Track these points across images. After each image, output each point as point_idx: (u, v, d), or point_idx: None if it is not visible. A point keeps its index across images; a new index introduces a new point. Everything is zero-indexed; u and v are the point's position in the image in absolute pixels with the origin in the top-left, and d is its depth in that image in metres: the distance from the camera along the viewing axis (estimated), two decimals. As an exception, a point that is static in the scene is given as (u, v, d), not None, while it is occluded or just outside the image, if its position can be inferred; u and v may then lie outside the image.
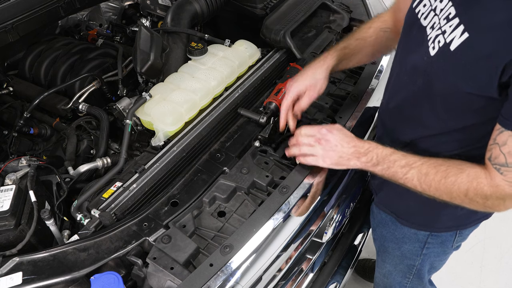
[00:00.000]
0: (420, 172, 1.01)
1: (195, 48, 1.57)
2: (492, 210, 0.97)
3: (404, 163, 1.03)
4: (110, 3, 2.20)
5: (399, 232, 1.35)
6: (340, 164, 1.12)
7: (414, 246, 1.34)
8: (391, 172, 1.05)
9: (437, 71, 0.96)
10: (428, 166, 1.00)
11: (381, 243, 1.49)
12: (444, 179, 0.97)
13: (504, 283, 2.29)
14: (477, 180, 0.93)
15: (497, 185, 0.91)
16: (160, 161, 1.26)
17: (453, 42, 0.89)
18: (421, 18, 1.01)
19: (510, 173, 0.89)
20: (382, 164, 1.06)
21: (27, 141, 1.53)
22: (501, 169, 0.89)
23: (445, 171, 0.98)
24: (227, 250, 1.02)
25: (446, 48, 0.91)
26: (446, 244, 1.31)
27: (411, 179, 1.02)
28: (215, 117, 1.40)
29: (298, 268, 1.39)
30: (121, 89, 1.61)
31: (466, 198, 0.96)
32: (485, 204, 0.95)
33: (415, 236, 1.32)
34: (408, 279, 1.48)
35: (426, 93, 1.02)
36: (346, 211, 1.54)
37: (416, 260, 1.38)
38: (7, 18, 1.55)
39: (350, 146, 1.10)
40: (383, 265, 1.54)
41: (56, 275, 0.98)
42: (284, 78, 1.49)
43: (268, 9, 1.81)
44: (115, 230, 1.07)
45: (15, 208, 1.09)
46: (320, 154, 1.12)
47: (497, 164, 0.90)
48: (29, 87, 1.68)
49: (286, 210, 1.12)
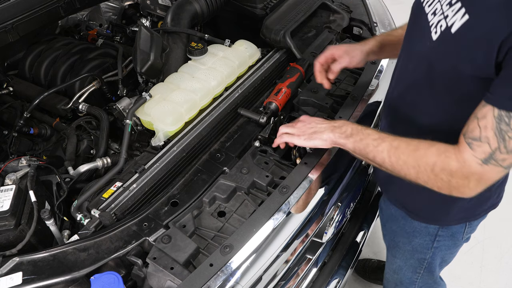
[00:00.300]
0: (391, 145, 1.02)
1: (195, 48, 1.57)
2: (456, 192, 0.95)
3: (377, 136, 1.06)
4: (110, 3, 2.21)
5: (409, 226, 1.35)
6: (313, 138, 1.15)
7: (424, 239, 1.34)
8: (363, 144, 1.07)
9: (438, 55, 0.97)
10: (400, 141, 1.02)
11: (391, 238, 1.49)
12: (414, 152, 0.98)
13: (504, 283, 2.29)
14: (445, 154, 0.93)
15: (464, 160, 0.90)
16: (160, 161, 1.26)
17: (454, 25, 0.91)
18: (426, 5, 1.03)
19: (480, 149, 0.88)
20: (356, 136, 1.09)
21: (27, 141, 1.53)
22: (473, 143, 0.89)
23: (416, 145, 0.98)
24: (227, 250, 1.02)
25: (447, 31, 0.92)
26: (457, 236, 1.31)
27: (382, 151, 1.03)
28: (215, 117, 1.40)
29: (298, 267, 1.40)
30: (121, 89, 1.61)
31: (432, 174, 0.95)
32: (450, 183, 0.94)
33: (425, 229, 1.32)
34: (418, 274, 1.48)
35: (427, 79, 1.04)
36: (346, 211, 1.54)
37: (427, 254, 1.38)
38: (7, 18, 1.55)
39: (324, 122, 1.16)
40: (393, 260, 1.54)
41: (56, 275, 0.98)
42: (284, 78, 1.49)
43: (268, 9, 1.81)
44: (115, 230, 1.07)
45: (15, 208, 1.09)
46: (295, 132, 1.18)
47: (471, 138, 0.89)
48: (29, 87, 1.69)
49: (286, 210, 1.12)
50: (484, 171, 0.89)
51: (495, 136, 0.85)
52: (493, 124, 0.85)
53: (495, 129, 0.85)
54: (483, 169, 0.89)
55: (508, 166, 0.88)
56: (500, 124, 0.84)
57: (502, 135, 0.85)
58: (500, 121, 0.84)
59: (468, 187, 0.92)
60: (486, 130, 0.86)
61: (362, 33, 1.79)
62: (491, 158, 0.87)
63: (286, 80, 1.47)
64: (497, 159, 0.87)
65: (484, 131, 0.87)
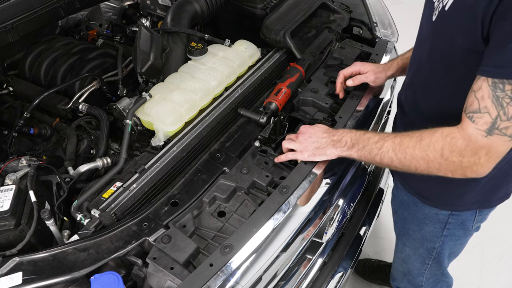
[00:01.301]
0: (394, 142, 1.03)
1: (195, 48, 1.57)
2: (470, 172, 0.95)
3: (378, 138, 1.07)
4: (110, 3, 2.20)
5: (421, 213, 1.36)
6: (318, 155, 1.17)
7: (435, 227, 1.35)
8: (367, 150, 1.08)
9: (436, 32, 1.03)
10: (402, 136, 1.03)
11: (402, 225, 1.50)
12: (419, 143, 0.98)
13: (504, 283, 2.29)
14: (450, 135, 0.94)
15: (469, 135, 0.91)
16: (160, 161, 1.26)
17: (447, 3, 0.96)
18: None
19: (482, 120, 0.89)
20: (357, 144, 1.10)
21: (27, 141, 1.53)
22: (474, 116, 0.90)
23: (419, 136, 1.00)
24: (227, 250, 1.02)
25: (443, 10, 0.99)
26: (467, 224, 1.32)
27: (386, 151, 1.04)
28: (215, 117, 1.40)
29: (298, 267, 1.39)
30: (121, 89, 1.61)
31: (442, 159, 0.95)
32: (461, 164, 0.94)
33: (436, 216, 1.33)
34: (427, 265, 1.49)
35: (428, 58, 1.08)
36: (346, 211, 1.54)
37: (437, 242, 1.39)
38: (7, 18, 1.55)
39: (323, 136, 1.17)
40: (403, 248, 1.55)
41: (56, 275, 0.98)
42: (284, 78, 1.49)
43: (268, 9, 1.81)
44: (115, 230, 1.07)
45: (15, 208, 1.09)
46: (298, 147, 1.20)
47: (471, 111, 0.91)
48: (29, 87, 1.69)
49: (286, 210, 1.12)
50: (491, 143, 0.90)
51: (493, 104, 0.87)
52: (489, 93, 0.88)
53: (492, 98, 0.87)
54: (489, 141, 0.90)
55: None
56: (496, 92, 0.87)
57: (499, 102, 0.87)
58: (495, 88, 0.87)
59: (479, 163, 0.93)
60: (483, 100, 0.88)
61: (362, 33, 1.79)
62: (494, 128, 0.88)
63: (286, 80, 1.47)
64: (500, 128, 0.88)
65: (482, 101, 0.89)
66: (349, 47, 1.68)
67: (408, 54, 1.40)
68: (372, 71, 1.40)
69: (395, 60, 1.44)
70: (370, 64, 1.43)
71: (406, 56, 1.40)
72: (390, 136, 1.05)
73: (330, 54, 1.65)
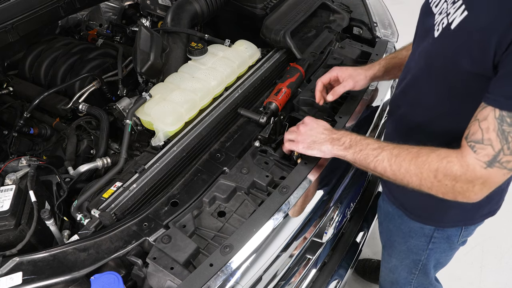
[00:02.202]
0: (391, 153, 1.01)
1: (195, 48, 1.57)
2: (461, 197, 0.93)
3: (377, 146, 1.05)
4: (110, 3, 2.20)
5: (405, 226, 1.35)
6: (312, 148, 1.16)
7: (420, 240, 1.34)
8: (363, 155, 1.06)
9: (437, 50, 0.98)
10: (400, 148, 1.00)
11: (387, 237, 1.49)
12: (415, 159, 0.96)
13: (504, 283, 2.29)
14: (447, 159, 0.91)
15: (468, 164, 0.88)
16: (160, 161, 1.25)
17: (454, 21, 0.92)
18: (433, 6, 1.04)
19: (484, 151, 0.86)
20: (355, 147, 1.09)
21: (27, 141, 1.53)
22: (476, 146, 0.87)
23: (416, 152, 0.97)
24: (227, 250, 1.02)
25: (448, 28, 0.93)
26: (452, 239, 1.31)
27: (382, 160, 1.02)
28: (215, 117, 1.40)
29: (298, 267, 1.39)
30: (121, 89, 1.61)
31: (435, 180, 0.93)
32: (454, 188, 0.92)
33: (421, 230, 1.31)
34: (414, 274, 1.48)
35: (426, 73, 1.04)
36: (346, 211, 1.54)
37: (422, 255, 1.38)
38: (7, 18, 1.55)
39: (323, 131, 1.16)
40: (389, 259, 1.54)
41: (56, 275, 0.98)
42: (284, 78, 1.49)
43: (268, 9, 1.81)
44: (115, 230, 1.07)
45: (15, 208, 1.09)
46: (297, 138, 1.19)
47: (473, 141, 0.88)
48: (29, 87, 1.69)
49: (286, 210, 1.12)
50: (489, 174, 0.87)
51: (497, 138, 0.84)
52: (495, 125, 0.84)
53: (497, 131, 0.84)
54: (488, 173, 0.87)
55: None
56: (502, 125, 0.83)
57: (505, 136, 0.84)
58: (502, 122, 0.83)
59: (473, 191, 0.91)
60: (488, 132, 0.85)
61: (362, 33, 1.79)
62: (495, 161, 0.86)
63: (286, 80, 1.47)
64: (501, 161, 0.86)
65: (486, 133, 0.85)
66: (349, 47, 1.68)
67: (394, 55, 1.36)
68: (350, 76, 1.35)
69: (378, 61, 1.39)
70: (348, 68, 1.37)
71: (390, 57, 1.37)
72: (389, 146, 1.03)
73: (330, 54, 1.65)
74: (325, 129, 1.17)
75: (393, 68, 1.36)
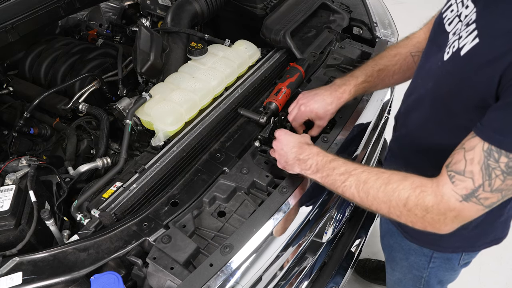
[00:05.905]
0: (358, 179, 0.95)
1: (195, 48, 1.57)
2: (431, 228, 0.88)
3: (344, 170, 0.99)
4: (110, 3, 2.20)
5: (406, 244, 1.33)
6: (287, 169, 1.15)
7: (420, 259, 1.31)
8: (330, 180, 1.01)
9: (445, 75, 0.93)
10: (369, 173, 0.95)
11: (389, 252, 1.47)
12: (384, 186, 0.91)
13: (504, 283, 2.29)
14: (421, 188, 0.86)
15: (442, 195, 0.83)
16: (160, 161, 1.25)
17: (464, 47, 0.86)
18: (446, 23, 0.98)
19: (462, 184, 0.81)
20: (322, 171, 1.04)
21: (27, 141, 1.53)
22: (455, 177, 0.82)
23: (387, 178, 0.92)
24: (227, 250, 1.02)
25: (457, 53, 0.88)
26: (453, 262, 1.27)
27: (349, 187, 0.97)
28: (215, 117, 1.40)
29: (298, 269, 1.39)
30: (121, 89, 1.61)
31: (405, 209, 0.88)
32: (424, 219, 0.87)
33: (420, 250, 1.29)
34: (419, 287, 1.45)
35: (431, 96, 1.00)
36: (346, 211, 1.54)
37: (424, 273, 1.35)
38: (7, 18, 1.55)
39: (292, 151, 1.11)
40: (392, 273, 1.52)
41: (56, 275, 0.98)
42: (284, 78, 1.49)
43: (268, 9, 1.81)
44: (115, 230, 1.07)
45: (15, 208, 1.09)
46: (275, 156, 1.17)
47: (454, 171, 0.83)
48: (29, 87, 1.69)
49: (286, 210, 1.12)
50: (463, 209, 0.83)
51: (480, 172, 0.79)
52: (481, 158, 0.79)
53: (482, 164, 0.79)
54: (462, 206, 0.82)
55: (490, 205, 0.82)
56: (489, 160, 0.78)
57: (488, 172, 0.78)
58: (489, 156, 0.78)
59: (444, 223, 0.86)
60: (472, 164, 0.80)
61: (362, 33, 1.79)
62: (472, 196, 0.81)
63: (286, 80, 1.47)
64: (479, 197, 0.81)
65: (470, 164, 0.80)
66: (349, 47, 1.68)
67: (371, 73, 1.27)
68: (318, 114, 1.26)
69: (352, 84, 1.27)
70: (315, 100, 1.26)
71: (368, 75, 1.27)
72: (357, 171, 0.97)
73: (330, 54, 1.65)
74: (294, 147, 1.11)
75: (363, 93, 1.31)
